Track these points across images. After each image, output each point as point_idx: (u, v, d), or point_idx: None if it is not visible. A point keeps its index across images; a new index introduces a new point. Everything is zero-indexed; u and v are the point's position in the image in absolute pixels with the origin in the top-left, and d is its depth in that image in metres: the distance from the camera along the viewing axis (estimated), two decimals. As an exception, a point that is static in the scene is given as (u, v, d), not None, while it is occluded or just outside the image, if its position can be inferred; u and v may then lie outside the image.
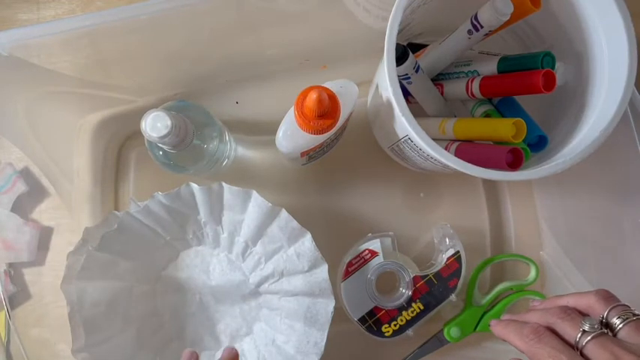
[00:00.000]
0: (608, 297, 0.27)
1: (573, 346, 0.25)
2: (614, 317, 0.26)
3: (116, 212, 0.40)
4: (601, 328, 0.25)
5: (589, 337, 0.25)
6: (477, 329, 0.44)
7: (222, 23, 0.39)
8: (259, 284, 0.42)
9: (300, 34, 0.43)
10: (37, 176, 0.47)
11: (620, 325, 0.25)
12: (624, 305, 0.26)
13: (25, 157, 0.46)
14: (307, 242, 0.39)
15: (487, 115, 0.39)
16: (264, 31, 0.41)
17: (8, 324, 0.44)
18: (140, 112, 0.33)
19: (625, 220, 0.37)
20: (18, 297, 0.46)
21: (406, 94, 0.40)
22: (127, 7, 0.34)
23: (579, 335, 0.25)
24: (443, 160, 0.31)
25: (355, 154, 0.47)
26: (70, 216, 0.46)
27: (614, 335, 0.25)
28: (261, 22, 0.40)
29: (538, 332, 0.26)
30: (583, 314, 0.27)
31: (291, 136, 0.35)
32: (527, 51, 0.41)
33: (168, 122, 0.32)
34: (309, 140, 0.35)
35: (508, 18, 0.34)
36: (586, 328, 0.25)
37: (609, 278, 0.39)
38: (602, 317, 0.26)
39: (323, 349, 0.38)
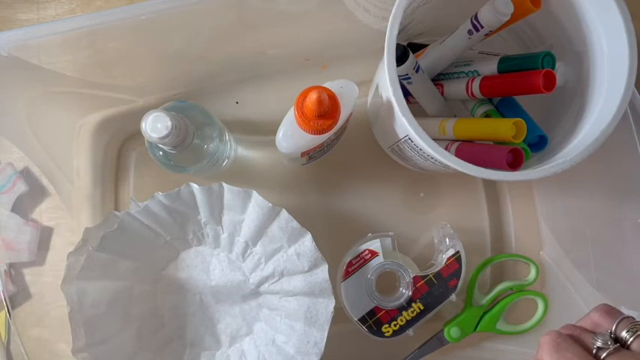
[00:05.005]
0: (610, 311, 0.27)
1: None
2: (622, 331, 0.25)
3: (116, 212, 0.40)
4: (614, 343, 0.25)
5: (605, 354, 0.24)
6: (477, 329, 0.44)
7: (223, 23, 0.39)
8: (259, 284, 0.43)
9: (300, 34, 0.43)
10: (37, 176, 0.47)
11: (631, 339, 0.25)
12: (629, 317, 0.26)
13: (25, 157, 0.46)
14: (307, 242, 0.39)
15: (487, 115, 0.39)
16: (264, 31, 0.41)
17: (8, 324, 0.44)
18: (140, 112, 0.33)
19: (625, 220, 0.37)
20: (18, 297, 0.46)
21: (406, 94, 0.40)
22: (127, 7, 0.34)
23: (594, 352, 0.25)
24: (443, 160, 0.31)
25: (355, 154, 0.47)
26: (70, 216, 0.46)
27: (627, 349, 0.25)
28: (261, 22, 0.40)
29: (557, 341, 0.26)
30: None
31: (291, 136, 0.35)
32: (528, 51, 0.41)
33: (169, 123, 0.32)
34: (309, 140, 0.35)
35: (508, 18, 0.34)
36: (599, 344, 0.25)
37: (609, 278, 0.39)
38: (611, 332, 0.26)
39: (323, 349, 0.38)
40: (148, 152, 0.38)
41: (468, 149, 0.37)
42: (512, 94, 0.38)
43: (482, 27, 0.35)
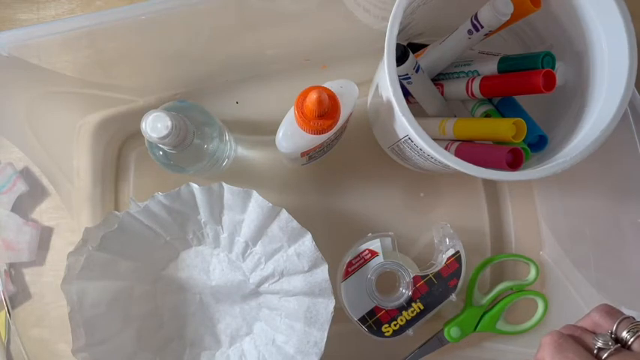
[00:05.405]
0: (610, 311, 0.27)
1: None
2: (623, 332, 0.25)
3: (116, 212, 0.40)
4: (615, 344, 0.25)
5: (606, 354, 0.24)
6: (477, 329, 0.44)
7: (222, 23, 0.39)
8: (259, 284, 0.43)
9: (300, 34, 0.43)
10: (37, 176, 0.47)
11: (632, 339, 0.25)
12: (630, 317, 0.26)
13: (25, 157, 0.46)
14: (307, 242, 0.39)
15: (487, 115, 0.39)
16: (264, 31, 0.41)
17: (8, 324, 0.44)
18: (140, 112, 0.33)
19: (625, 220, 0.37)
20: (18, 297, 0.46)
21: (406, 94, 0.40)
22: (127, 7, 0.34)
23: (595, 352, 0.25)
24: (443, 160, 0.31)
25: (355, 154, 0.47)
26: (70, 216, 0.46)
27: (627, 349, 0.25)
28: (261, 22, 0.40)
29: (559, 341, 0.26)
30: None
31: (291, 136, 0.35)
32: (528, 51, 0.41)
33: (169, 123, 0.32)
34: (309, 140, 0.35)
35: (508, 18, 0.34)
36: (600, 344, 0.25)
37: (609, 278, 0.39)
38: (612, 332, 0.26)
39: (323, 349, 0.38)
40: (148, 152, 0.38)
41: (467, 149, 0.37)
42: (512, 94, 0.38)
43: (482, 27, 0.35)
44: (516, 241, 0.47)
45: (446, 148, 0.37)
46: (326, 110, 0.31)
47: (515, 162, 0.34)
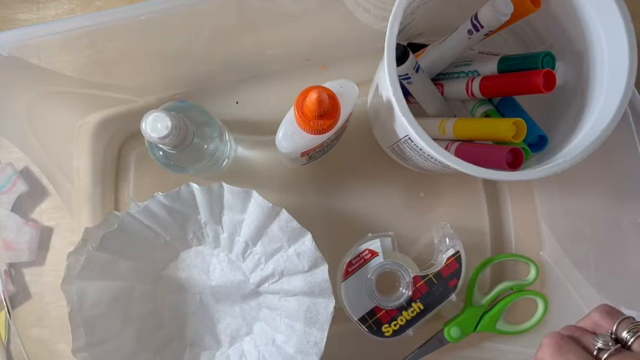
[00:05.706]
0: (610, 311, 0.27)
1: None
2: (623, 332, 0.25)
3: (116, 212, 0.40)
4: (615, 344, 0.25)
5: (606, 355, 0.24)
6: (477, 329, 0.44)
7: (222, 23, 0.39)
8: (259, 284, 0.43)
9: (300, 34, 0.43)
10: (37, 176, 0.47)
11: (632, 339, 0.25)
12: (630, 318, 0.26)
13: (25, 157, 0.46)
14: (307, 242, 0.39)
15: (487, 115, 0.39)
16: (264, 31, 0.41)
17: (8, 324, 0.44)
18: (140, 112, 0.33)
19: (625, 220, 0.37)
20: (18, 297, 0.46)
21: (406, 94, 0.40)
22: (127, 7, 0.34)
23: (595, 353, 0.25)
24: (443, 160, 0.31)
25: (355, 154, 0.47)
26: (70, 216, 0.46)
27: (627, 350, 0.25)
28: (261, 22, 0.40)
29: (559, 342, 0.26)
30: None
31: (291, 136, 0.35)
32: (528, 51, 0.41)
33: (169, 123, 0.32)
34: (309, 140, 0.35)
35: (508, 18, 0.34)
36: (600, 345, 0.25)
37: (609, 278, 0.39)
38: (612, 333, 0.26)
39: (323, 349, 0.38)
40: (148, 152, 0.38)
41: (467, 149, 0.37)
42: (512, 94, 0.38)
43: (482, 27, 0.35)
44: (516, 241, 0.47)
45: (446, 148, 0.37)
46: (326, 110, 0.31)
47: (515, 162, 0.34)
